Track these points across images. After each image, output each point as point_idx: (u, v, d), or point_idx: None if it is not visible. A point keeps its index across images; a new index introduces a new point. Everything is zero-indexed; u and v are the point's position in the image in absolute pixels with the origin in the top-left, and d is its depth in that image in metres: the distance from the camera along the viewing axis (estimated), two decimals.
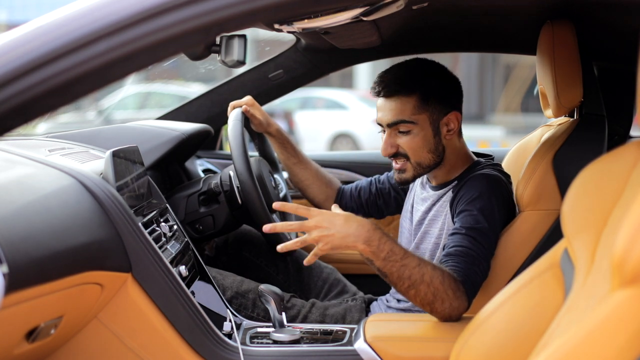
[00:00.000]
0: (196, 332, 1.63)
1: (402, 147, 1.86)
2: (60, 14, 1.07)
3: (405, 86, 1.84)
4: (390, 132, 1.87)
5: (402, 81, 1.85)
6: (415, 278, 1.58)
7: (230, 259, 2.30)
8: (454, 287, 1.61)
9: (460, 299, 1.62)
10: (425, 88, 1.84)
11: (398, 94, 1.84)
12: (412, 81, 1.85)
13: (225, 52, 1.51)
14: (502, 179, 1.85)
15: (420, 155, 1.86)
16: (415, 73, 1.88)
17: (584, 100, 1.87)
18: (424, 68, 1.89)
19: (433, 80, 1.87)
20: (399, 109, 1.84)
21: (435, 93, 1.85)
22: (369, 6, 1.43)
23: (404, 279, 1.59)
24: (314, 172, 2.26)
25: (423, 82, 1.85)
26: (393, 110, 1.85)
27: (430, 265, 1.61)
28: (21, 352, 1.36)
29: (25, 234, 1.23)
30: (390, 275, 1.59)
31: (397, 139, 1.87)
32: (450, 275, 1.62)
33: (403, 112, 1.84)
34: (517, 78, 16.30)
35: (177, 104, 2.81)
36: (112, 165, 1.65)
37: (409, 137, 1.85)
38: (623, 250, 0.85)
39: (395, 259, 1.58)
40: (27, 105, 1.02)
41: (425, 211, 1.93)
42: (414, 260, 1.59)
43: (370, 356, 1.58)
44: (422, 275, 1.58)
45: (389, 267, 1.58)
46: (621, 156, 1.12)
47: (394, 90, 1.84)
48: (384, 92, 1.86)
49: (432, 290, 1.59)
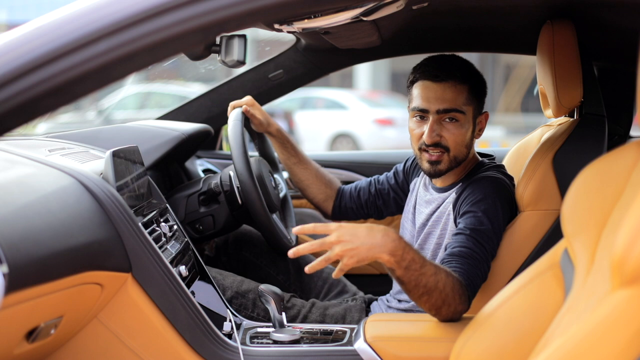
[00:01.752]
0: (196, 332, 1.63)
1: (446, 138, 1.83)
2: (60, 14, 1.07)
3: (462, 73, 1.83)
4: (436, 119, 1.83)
5: (457, 68, 1.84)
6: (431, 286, 1.56)
7: (230, 259, 2.30)
8: (461, 292, 1.61)
9: (464, 303, 1.62)
10: (474, 82, 1.85)
11: (454, 79, 1.81)
12: (466, 71, 1.84)
13: (225, 52, 1.52)
14: (506, 181, 1.85)
15: (459, 149, 1.84)
16: (465, 66, 1.87)
17: (584, 100, 1.87)
18: (470, 64, 1.89)
19: (478, 77, 1.88)
20: (453, 96, 1.81)
21: (479, 89, 1.86)
22: (369, 6, 1.43)
23: (420, 287, 1.55)
24: (314, 172, 2.26)
25: (472, 76, 1.86)
26: (446, 96, 1.81)
27: (445, 272, 1.59)
28: (21, 352, 1.36)
29: (25, 234, 1.23)
30: (408, 284, 1.56)
31: (442, 128, 1.83)
32: (458, 281, 1.61)
33: (456, 100, 1.81)
34: (517, 78, 16.29)
35: (177, 104, 2.81)
36: (112, 165, 1.65)
37: (456, 128, 1.82)
38: (623, 251, 0.85)
39: (416, 268, 1.54)
40: (27, 105, 1.02)
41: (429, 214, 1.92)
42: (432, 269, 1.56)
43: (370, 356, 1.58)
44: (436, 282, 1.56)
45: (408, 275, 1.54)
46: (621, 156, 1.12)
47: (451, 74, 1.81)
48: (440, 76, 1.81)
49: (443, 296, 1.57)
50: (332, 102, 13.24)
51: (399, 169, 2.20)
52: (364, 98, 14.02)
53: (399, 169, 2.20)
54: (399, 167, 2.21)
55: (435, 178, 1.94)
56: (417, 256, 1.55)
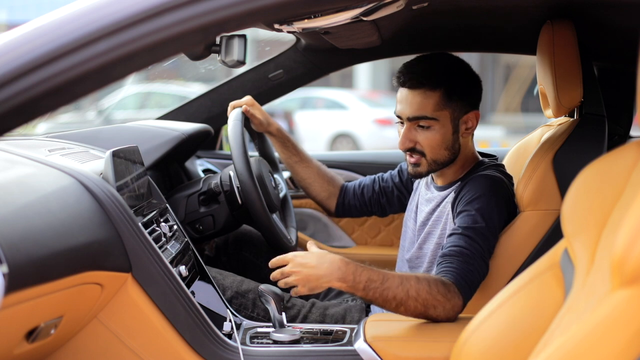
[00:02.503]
0: (196, 332, 1.63)
1: (420, 143, 1.84)
2: (60, 14, 1.07)
3: (431, 80, 1.81)
4: (409, 126, 1.85)
5: (428, 75, 1.82)
6: (401, 296, 1.59)
7: (230, 259, 2.30)
8: (444, 291, 1.61)
9: (452, 300, 1.62)
10: (451, 85, 1.82)
11: (423, 87, 1.81)
12: (438, 76, 1.82)
13: (225, 52, 1.51)
14: (503, 180, 1.85)
15: (437, 153, 1.85)
16: (441, 68, 1.85)
17: (584, 100, 1.87)
18: (450, 64, 1.88)
19: (458, 78, 1.85)
20: (422, 103, 1.82)
21: (459, 91, 1.84)
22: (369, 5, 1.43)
23: (389, 301, 1.59)
24: (315, 170, 2.26)
25: (449, 79, 1.83)
26: (416, 104, 1.82)
27: (414, 278, 1.61)
28: (21, 352, 1.36)
29: (25, 234, 1.23)
30: (375, 301, 1.60)
31: (416, 134, 1.84)
32: (437, 281, 1.62)
33: (426, 107, 1.82)
34: (517, 78, 16.30)
35: (177, 104, 2.81)
36: (112, 165, 1.65)
37: (429, 134, 1.83)
38: (623, 251, 0.85)
39: (375, 286, 1.59)
40: (27, 105, 1.02)
41: (429, 212, 1.92)
42: (395, 281, 1.59)
43: (370, 356, 1.58)
44: (406, 292, 1.59)
45: (370, 294, 1.59)
46: (621, 156, 1.12)
47: (419, 82, 1.81)
48: (409, 84, 1.82)
49: (421, 302, 1.59)
50: (332, 102, 13.24)
51: (404, 167, 2.20)
52: (364, 98, 14.02)
53: (404, 167, 2.20)
54: (403, 165, 2.21)
55: (417, 179, 2.01)
56: (374, 275, 1.59)
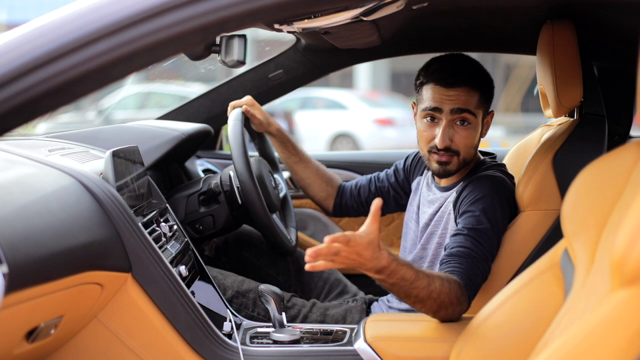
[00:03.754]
0: (196, 332, 1.63)
1: (457, 142, 1.83)
2: (60, 14, 1.07)
3: (474, 79, 1.83)
4: (449, 122, 1.83)
5: (471, 74, 1.84)
6: (423, 295, 1.56)
7: (230, 259, 2.30)
8: (459, 294, 1.60)
9: (463, 304, 1.62)
10: (485, 86, 1.86)
11: (467, 85, 1.82)
12: (478, 77, 1.85)
13: (225, 52, 1.52)
14: (506, 180, 1.85)
15: (469, 152, 1.85)
16: (478, 70, 1.87)
17: (584, 100, 1.87)
18: (479, 66, 1.89)
19: (488, 80, 1.88)
20: (466, 99, 1.82)
21: (489, 92, 1.87)
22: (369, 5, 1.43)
23: (411, 297, 1.56)
24: (314, 171, 2.26)
25: (484, 80, 1.86)
26: (461, 99, 1.81)
27: (439, 280, 1.58)
28: (21, 352, 1.36)
29: (25, 234, 1.23)
30: (397, 294, 1.57)
31: (453, 132, 1.83)
32: (456, 284, 1.61)
33: (470, 103, 1.82)
34: (517, 78, 16.29)
35: (177, 104, 2.81)
36: (112, 165, 1.65)
37: (466, 132, 1.83)
38: (623, 250, 0.85)
39: (404, 284, 1.54)
40: (27, 105, 1.02)
41: (432, 214, 1.92)
42: (424, 282, 1.55)
43: (370, 356, 1.58)
44: (430, 292, 1.56)
45: (396, 289, 1.55)
46: (621, 156, 1.12)
47: (464, 82, 1.82)
48: (455, 83, 1.81)
49: (439, 302, 1.58)
50: (332, 102, 13.23)
51: (399, 167, 2.20)
52: (364, 98, 14.01)
53: (399, 167, 2.20)
54: (399, 164, 2.21)
55: (444, 178, 1.93)
56: (408, 273, 1.53)
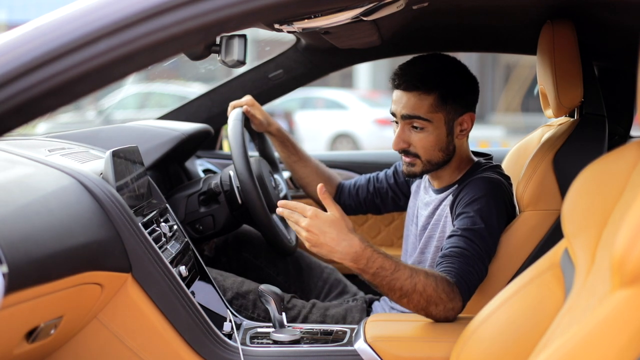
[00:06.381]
0: (196, 332, 1.63)
1: (414, 145, 1.84)
2: (60, 14, 1.07)
3: (425, 83, 1.81)
4: (403, 126, 1.85)
5: (423, 78, 1.82)
6: (407, 288, 1.58)
7: (230, 259, 2.30)
8: (448, 290, 1.61)
9: (454, 301, 1.61)
10: (445, 87, 1.82)
11: (417, 90, 1.82)
12: (433, 79, 1.82)
13: (225, 52, 1.51)
14: (502, 181, 1.85)
15: (431, 154, 1.85)
16: (437, 71, 1.85)
17: (584, 100, 1.87)
18: (446, 66, 1.87)
19: (453, 80, 1.85)
20: (416, 105, 1.82)
21: (454, 93, 1.84)
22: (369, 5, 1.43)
23: (395, 290, 1.58)
24: (314, 169, 2.27)
25: (444, 81, 1.83)
26: (410, 105, 1.82)
27: (423, 273, 1.60)
28: (21, 352, 1.36)
29: (25, 234, 1.23)
30: (381, 287, 1.59)
31: (409, 134, 1.84)
32: (443, 279, 1.61)
33: (420, 108, 1.82)
34: (517, 78, 16.30)
35: (177, 104, 2.81)
36: (112, 165, 1.65)
37: (422, 135, 1.83)
38: (623, 250, 0.85)
39: (385, 274, 1.57)
40: (27, 105, 1.02)
41: (428, 216, 1.92)
42: (406, 273, 1.58)
43: (370, 356, 1.58)
44: (414, 285, 1.58)
45: (378, 280, 1.58)
46: (621, 156, 1.12)
47: (414, 85, 1.82)
48: (403, 86, 1.83)
49: (425, 297, 1.58)
50: (332, 102, 13.24)
51: (399, 168, 2.20)
52: (364, 98, 14.02)
53: (399, 168, 2.20)
54: (398, 166, 2.21)
55: (411, 179, 2.04)
56: (387, 263, 1.57)
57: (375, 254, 1.57)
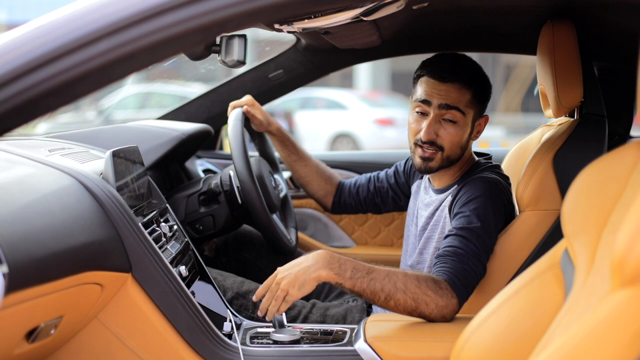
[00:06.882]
0: (196, 332, 1.63)
1: (442, 137, 1.83)
2: (60, 14, 1.07)
3: (468, 77, 1.83)
4: (435, 117, 1.83)
5: (465, 72, 1.84)
6: (389, 288, 1.58)
7: (230, 259, 2.30)
8: (434, 287, 1.61)
9: (445, 297, 1.61)
10: (478, 86, 1.85)
11: (459, 82, 1.82)
12: (472, 75, 1.85)
13: (225, 52, 1.52)
14: (500, 182, 1.85)
15: (453, 150, 1.85)
16: (474, 69, 1.87)
17: (584, 100, 1.87)
18: (478, 68, 1.89)
19: (484, 81, 1.88)
20: (456, 96, 1.82)
21: (483, 94, 1.87)
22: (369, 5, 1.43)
23: (377, 293, 1.59)
24: (314, 169, 2.27)
25: (478, 80, 1.86)
26: (452, 95, 1.82)
27: (402, 273, 1.61)
28: (21, 352, 1.36)
29: (25, 234, 1.23)
30: (363, 293, 1.60)
31: (439, 127, 1.83)
32: (426, 277, 1.62)
33: (460, 101, 1.82)
34: (517, 78, 16.30)
35: (177, 104, 2.81)
36: (112, 165, 1.65)
37: (453, 129, 1.83)
38: (623, 251, 0.85)
39: (361, 275, 1.59)
40: (27, 105, 1.02)
41: (428, 216, 1.92)
42: (382, 272, 1.60)
43: (370, 356, 1.58)
44: (394, 283, 1.58)
45: (358, 284, 1.59)
46: (621, 156, 1.12)
47: (457, 77, 1.82)
48: (448, 77, 1.81)
49: (411, 295, 1.59)
50: (332, 102, 13.24)
51: (400, 168, 2.20)
52: (364, 98, 14.02)
53: (400, 168, 2.20)
54: (399, 166, 2.21)
55: (424, 174, 1.98)
56: (359, 265, 1.60)
57: (344, 258, 1.61)
